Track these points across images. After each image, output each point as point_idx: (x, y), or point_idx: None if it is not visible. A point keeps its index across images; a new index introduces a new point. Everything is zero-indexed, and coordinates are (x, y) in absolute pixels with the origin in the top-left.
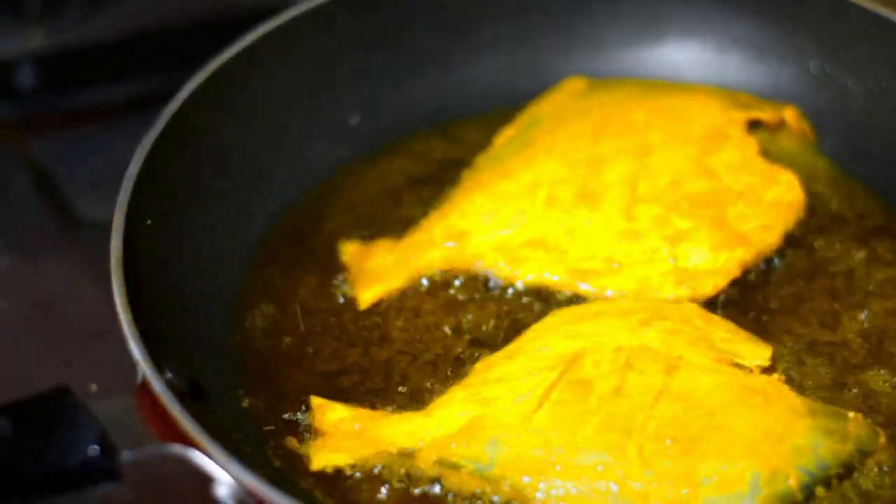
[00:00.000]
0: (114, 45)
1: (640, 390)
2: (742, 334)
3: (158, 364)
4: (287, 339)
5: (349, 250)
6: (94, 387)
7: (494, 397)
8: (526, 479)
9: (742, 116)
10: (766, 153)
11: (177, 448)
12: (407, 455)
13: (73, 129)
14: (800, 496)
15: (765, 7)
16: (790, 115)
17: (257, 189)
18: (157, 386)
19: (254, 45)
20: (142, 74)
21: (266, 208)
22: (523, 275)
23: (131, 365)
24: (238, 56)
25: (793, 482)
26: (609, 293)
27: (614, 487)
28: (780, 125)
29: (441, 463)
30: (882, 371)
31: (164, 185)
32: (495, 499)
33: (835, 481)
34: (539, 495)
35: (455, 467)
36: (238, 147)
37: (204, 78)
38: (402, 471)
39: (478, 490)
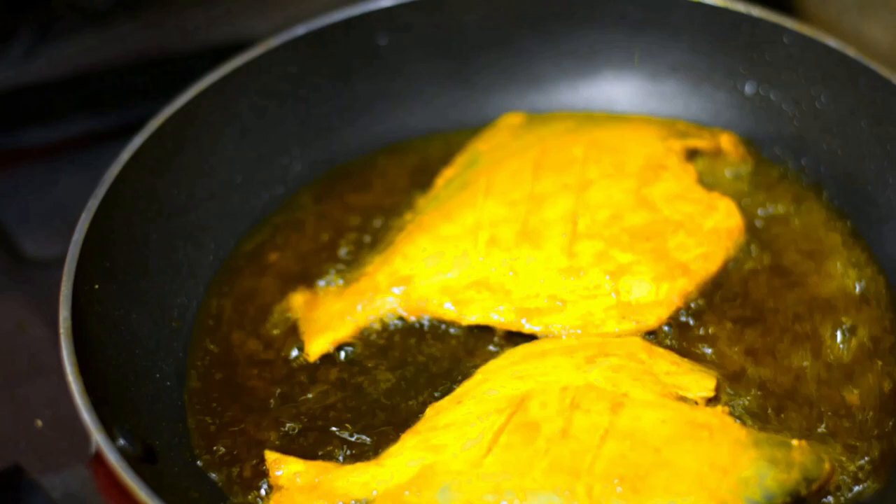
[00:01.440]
0: (59, 84)
1: (586, 430)
2: (686, 365)
3: (111, 432)
4: (237, 394)
5: (297, 302)
6: (38, 422)
7: (444, 444)
8: None
9: (679, 145)
10: (704, 181)
11: None
12: None
13: (18, 168)
14: None
15: (698, 34)
16: (727, 141)
17: (200, 244)
18: (112, 455)
19: (191, 102)
20: (87, 113)
21: (210, 261)
22: (469, 316)
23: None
24: (175, 115)
25: None
26: (554, 330)
27: None
28: (718, 152)
29: None
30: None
31: (109, 249)
32: None
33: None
34: None
35: None
36: (179, 204)
37: (144, 138)
38: None
39: None
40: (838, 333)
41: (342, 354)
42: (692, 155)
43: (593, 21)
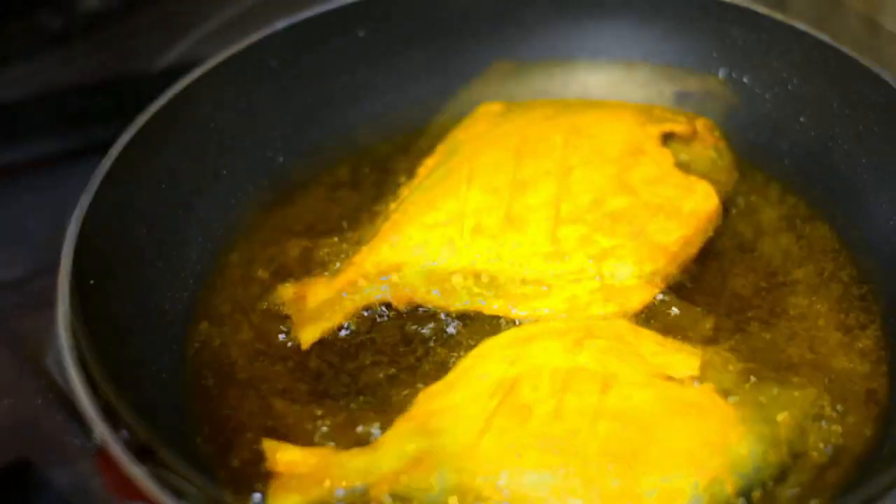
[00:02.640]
0: (16, 105)
1: (578, 411)
2: (671, 345)
3: (113, 425)
4: (232, 384)
5: (286, 292)
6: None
7: (438, 428)
8: None
9: (656, 130)
10: (681, 164)
11: None
12: (359, 492)
13: None
14: (738, 501)
15: (671, 20)
16: (702, 125)
17: (190, 238)
18: (115, 448)
19: (178, 96)
20: (45, 135)
21: (202, 254)
22: (456, 302)
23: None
24: (162, 108)
25: (730, 488)
26: (541, 314)
27: None
28: (693, 136)
29: (393, 497)
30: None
31: (103, 244)
32: None
33: (769, 483)
34: None
35: (407, 500)
36: (168, 198)
37: (132, 133)
38: None
39: None
40: (812, 310)
41: (332, 342)
42: (668, 138)
43: (567, 9)
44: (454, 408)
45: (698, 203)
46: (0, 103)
